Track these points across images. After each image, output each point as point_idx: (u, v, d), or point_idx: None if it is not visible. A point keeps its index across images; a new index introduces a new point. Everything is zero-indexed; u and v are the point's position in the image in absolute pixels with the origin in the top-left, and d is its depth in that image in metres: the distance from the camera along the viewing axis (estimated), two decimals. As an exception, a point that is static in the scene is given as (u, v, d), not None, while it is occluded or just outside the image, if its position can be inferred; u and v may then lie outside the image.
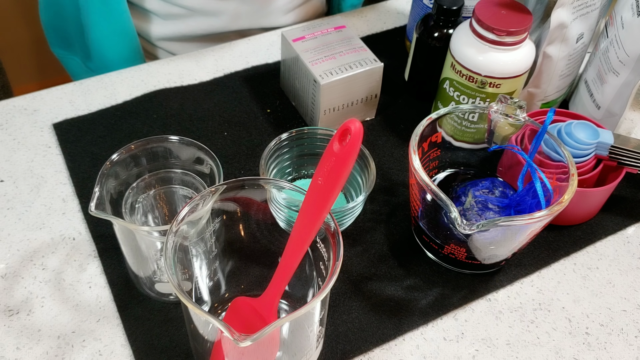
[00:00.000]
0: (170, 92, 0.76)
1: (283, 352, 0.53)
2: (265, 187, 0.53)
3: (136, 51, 0.88)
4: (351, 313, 0.58)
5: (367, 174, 0.62)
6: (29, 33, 1.68)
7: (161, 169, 0.58)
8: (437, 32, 0.71)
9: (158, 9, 0.87)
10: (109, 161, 0.54)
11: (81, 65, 0.94)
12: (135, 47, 0.87)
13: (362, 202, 0.61)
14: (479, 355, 0.56)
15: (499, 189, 0.62)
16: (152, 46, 0.92)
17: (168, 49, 0.92)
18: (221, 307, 0.56)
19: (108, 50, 0.86)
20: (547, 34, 0.66)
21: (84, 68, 0.94)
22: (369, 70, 0.70)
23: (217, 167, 0.55)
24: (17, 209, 0.64)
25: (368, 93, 0.72)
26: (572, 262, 0.64)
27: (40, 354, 0.54)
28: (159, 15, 0.88)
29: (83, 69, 0.94)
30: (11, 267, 0.60)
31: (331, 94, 0.69)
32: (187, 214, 0.47)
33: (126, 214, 0.56)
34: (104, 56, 0.87)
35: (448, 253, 0.59)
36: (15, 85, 1.27)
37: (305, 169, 0.67)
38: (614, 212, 0.68)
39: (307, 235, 0.45)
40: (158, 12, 0.88)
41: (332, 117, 0.71)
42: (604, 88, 0.69)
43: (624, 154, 0.63)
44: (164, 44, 0.91)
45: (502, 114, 0.59)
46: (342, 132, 0.42)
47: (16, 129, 0.72)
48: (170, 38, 0.90)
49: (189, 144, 0.56)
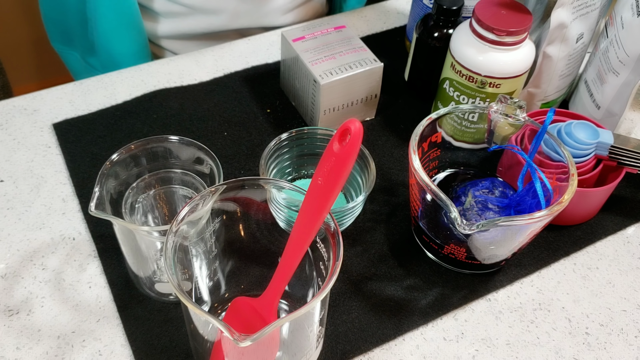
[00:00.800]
0: (170, 92, 0.76)
1: (283, 352, 0.53)
2: (265, 187, 0.53)
3: (144, 46, 0.87)
4: (351, 313, 0.58)
5: (367, 174, 0.62)
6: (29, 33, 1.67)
7: (161, 169, 0.58)
8: (437, 32, 0.71)
9: (159, 7, 0.87)
10: (109, 161, 0.54)
11: (80, 61, 0.93)
12: (143, 42, 0.87)
13: (362, 202, 0.61)
14: (479, 355, 0.56)
15: (499, 189, 0.62)
16: (153, 44, 0.92)
17: (168, 47, 0.92)
18: (221, 307, 0.56)
19: (115, 44, 0.85)
20: (547, 34, 0.66)
21: (83, 64, 0.93)
22: (369, 70, 0.70)
23: (217, 167, 0.55)
24: (17, 209, 0.64)
25: (368, 93, 0.72)
26: (572, 262, 0.64)
27: (40, 354, 0.54)
28: (159, 13, 0.88)
29: (83, 65, 0.94)
30: (11, 267, 0.60)
31: (331, 94, 0.69)
32: (187, 214, 0.47)
33: (126, 214, 0.56)
34: (111, 51, 0.86)
35: (448, 253, 0.59)
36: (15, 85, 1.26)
37: (305, 169, 0.67)
38: (614, 212, 0.68)
39: (307, 235, 0.45)
40: (159, 9, 0.88)
41: (332, 117, 0.71)
42: (603, 88, 0.69)
43: (624, 154, 0.63)
44: (165, 42, 0.91)
45: (502, 114, 0.59)
46: (342, 132, 0.42)
47: (16, 129, 0.72)
48: (171, 36, 0.90)
49: (189, 144, 0.56)
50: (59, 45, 0.95)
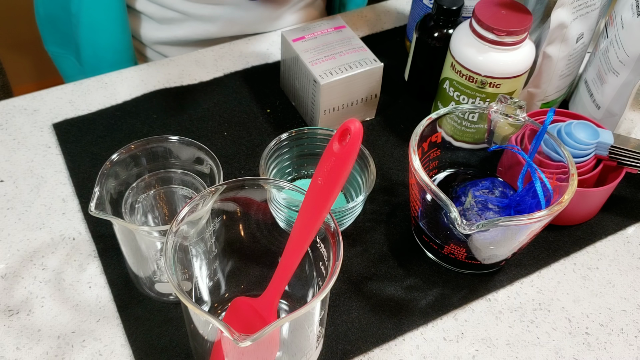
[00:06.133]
0: (170, 92, 0.76)
1: (283, 352, 0.53)
2: (265, 187, 0.53)
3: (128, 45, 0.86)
4: (351, 313, 0.58)
5: (367, 174, 0.62)
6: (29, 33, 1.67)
7: (161, 169, 0.58)
8: (437, 32, 0.71)
9: (153, 13, 0.87)
10: (109, 161, 0.54)
11: (75, 64, 0.93)
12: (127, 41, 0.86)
13: (362, 202, 0.61)
14: (478, 355, 0.56)
15: (499, 189, 0.62)
16: (147, 49, 0.92)
17: (163, 53, 0.91)
18: (221, 307, 0.56)
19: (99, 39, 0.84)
20: (547, 34, 0.66)
21: (77, 67, 0.93)
22: (369, 71, 0.70)
23: (217, 167, 0.55)
24: (17, 209, 0.64)
25: (368, 93, 0.72)
26: (572, 262, 0.64)
27: (40, 354, 0.54)
28: (154, 19, 0.88)
29: (77, 69, 0.93)
30: (11, 267, 0.60)
31: (331, 94, 0.69)
32: (187, 214, 0.47)
33: (126, 214, 0.56)
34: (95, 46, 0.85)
35: (448, 253, 0.59)
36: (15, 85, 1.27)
37: (305, 169, 0.67)
38: (614, 212, 0.68)
39: (307, 235, 0.45)
40: (153, 15, 0.87)
41: (332, 117, 0.71)
42: (603, 88, 0.69)
43: (623, 154, 0.63)
44: (160, 47, 0.91)
45: (502, 114, 0.59)
46: (342, 132, 0.42)
47: (16, 129, 0.72)
48: (166, 42, 0.90)
49: (189, 144, 0.56)
50: (53, 48, 0.94)
